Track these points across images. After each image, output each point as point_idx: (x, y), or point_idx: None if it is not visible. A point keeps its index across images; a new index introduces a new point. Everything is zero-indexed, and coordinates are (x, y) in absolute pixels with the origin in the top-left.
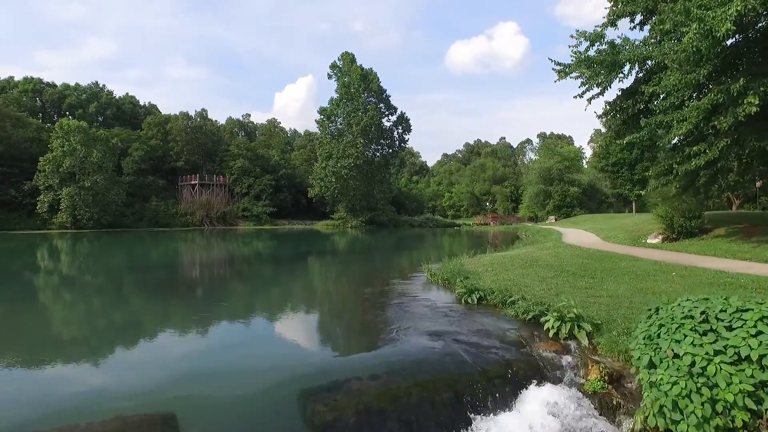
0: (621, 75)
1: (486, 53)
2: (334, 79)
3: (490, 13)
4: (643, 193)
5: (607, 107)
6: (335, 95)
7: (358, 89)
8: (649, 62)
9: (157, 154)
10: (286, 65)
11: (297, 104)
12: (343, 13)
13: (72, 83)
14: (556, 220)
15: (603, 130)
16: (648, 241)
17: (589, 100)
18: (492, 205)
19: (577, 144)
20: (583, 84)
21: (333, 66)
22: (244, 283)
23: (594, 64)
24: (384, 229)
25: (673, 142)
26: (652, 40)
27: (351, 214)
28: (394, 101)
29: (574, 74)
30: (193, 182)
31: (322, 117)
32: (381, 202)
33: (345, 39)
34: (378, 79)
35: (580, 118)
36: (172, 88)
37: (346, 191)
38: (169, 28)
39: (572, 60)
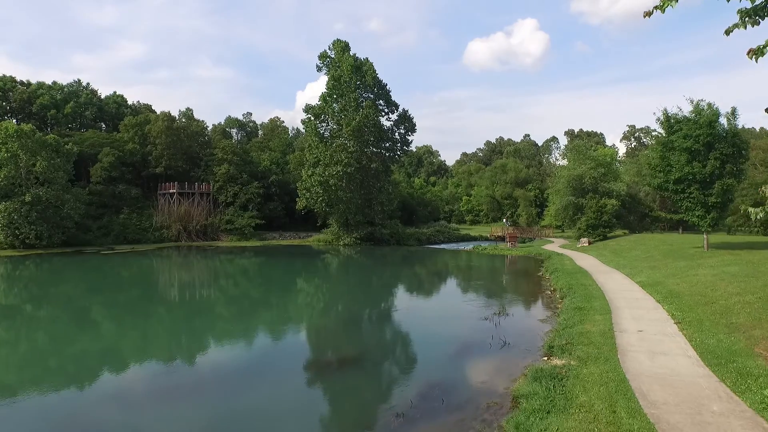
0: None
1: (505, 50)
2: (324, 71)
3: (508, 10)
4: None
5: None
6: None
7: (350, 83)
8: None
9: (134, 159)
10: (308, 64)
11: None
12: (361, 11)
13: (66, 82)
14: (589, 243)
15: (659, 130)
16: None
17: None
18: (514, 210)
19: (609, 142)
20: None
21: (323, 56)
22: None
23: None
24: (383, 246)
25: None
26: None
27: (344, 229)
28: (411, 99)
29: None
30: (171, 191)
31: (309, 116)
32: (380, 215)
33: (364, 37)
34: (374, 71)
35: (610, 112)
36: (200, 89)
37: (336, 203)
38: (197, 29)
39: None
